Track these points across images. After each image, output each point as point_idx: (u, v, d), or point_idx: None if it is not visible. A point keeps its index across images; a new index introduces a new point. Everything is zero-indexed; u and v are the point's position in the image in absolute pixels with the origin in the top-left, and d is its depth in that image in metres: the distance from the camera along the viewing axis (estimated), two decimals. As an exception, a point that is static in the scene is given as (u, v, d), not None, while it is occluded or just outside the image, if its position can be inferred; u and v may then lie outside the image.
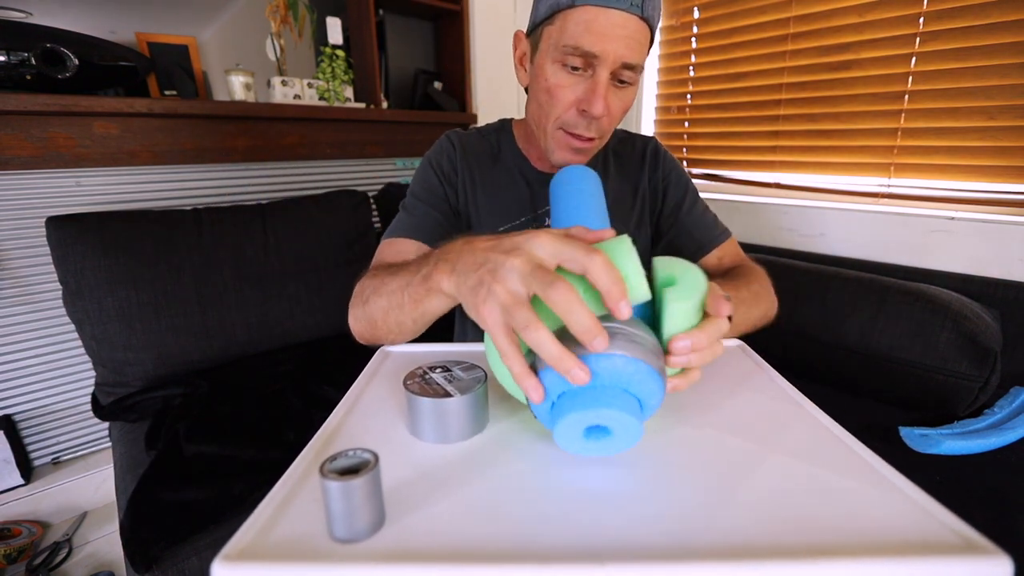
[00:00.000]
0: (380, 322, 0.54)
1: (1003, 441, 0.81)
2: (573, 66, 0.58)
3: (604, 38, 0.55)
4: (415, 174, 0.76)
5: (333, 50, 1.48)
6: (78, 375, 1.27)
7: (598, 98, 0.57)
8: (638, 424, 0.31)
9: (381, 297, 0.53)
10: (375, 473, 0.27)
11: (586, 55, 0.57)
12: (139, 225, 1.04)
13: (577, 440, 0.33)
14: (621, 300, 0.31)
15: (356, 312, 0.59)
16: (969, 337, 0.89)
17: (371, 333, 0.57)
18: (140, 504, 0.72)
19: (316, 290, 1.21)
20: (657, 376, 0.32)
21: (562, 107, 0.61)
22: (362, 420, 0.41)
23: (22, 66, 1.04)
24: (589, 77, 0.59)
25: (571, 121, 0.62)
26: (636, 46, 0.57)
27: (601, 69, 0.57)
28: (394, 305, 0.51)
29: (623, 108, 0.63)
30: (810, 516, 0.29)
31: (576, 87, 0.60)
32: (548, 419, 0.34)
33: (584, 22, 0.55)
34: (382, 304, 0.53)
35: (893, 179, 1.25)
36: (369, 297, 0.56)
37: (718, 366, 0.53)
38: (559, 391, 0.32)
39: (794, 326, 1.08)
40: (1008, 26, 1.03)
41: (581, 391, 0.31)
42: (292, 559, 0.25)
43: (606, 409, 0.30)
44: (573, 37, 0.56)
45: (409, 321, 0.51)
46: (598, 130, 0.62)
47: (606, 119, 0.61)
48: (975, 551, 0.26)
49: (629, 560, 0.25)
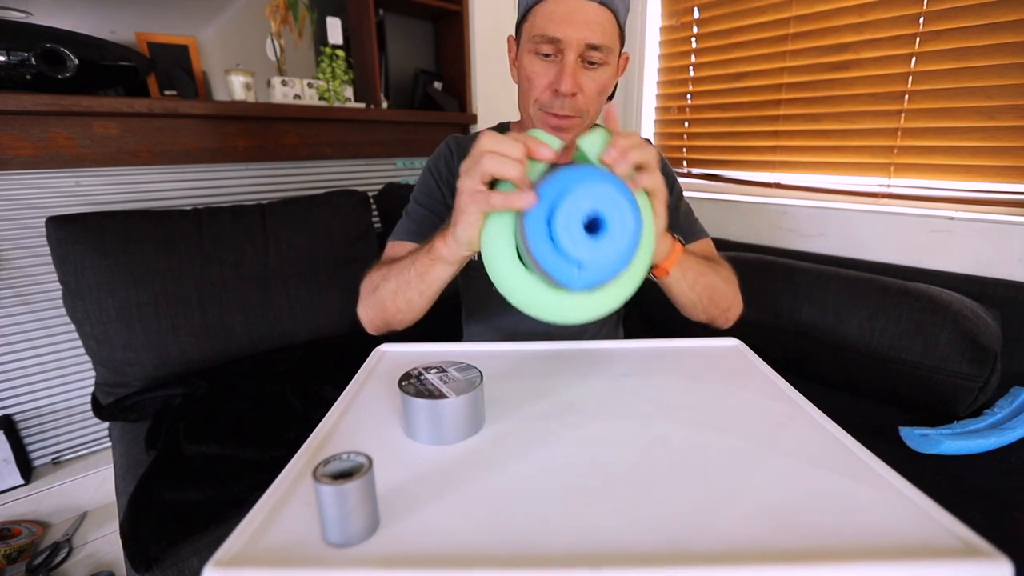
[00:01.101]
0: (390, 303, 0.63)
1: (1003, 441, 0.81)
2: (544, 53, 0.65)
3: (566, 23, 0.62)
4: (417, 181, 0.82)
5: (333, 50, 1.48)
6: (78, 375, 1.27)
7: (566, 76, 0.64)
8: (631, 206, 0.37)
9: (389, 281, 0.62)
10: (369, 477, 0.27)
11: (552, 40, 0.63)
12: (139, 225, 1.04)
13: (578, 235, 0.37)
14: (534, 143, 0.43)
15: (366, 301, 0.67)
16: (969, 337, 0.89)
17: (381, 318, 0.66)
18: (140, 504, 0.72)
19: (316, 290, 1.21)
20: (609, 175, 0.39)
21: (539, 90, 0.68)
22: (356, 422, 0.41)
23: (22, 66, 1.04)
24: (559, 61, 0.65)
25: (547, 102, 0.68)
26: (597, 28, 0.63)
27: (568, 52, 0.63)
28: (402, 284, 0.60)
29: (597, 88, 0.68)
30: (808, 519, 0.29)
31: (549, 71, 0.66)
32: (546, 251, 0.38)
33: (548, 12, 0.63)
34: (390, 287, 0.61)
35: (893, 179, 1.25)
36: (378, 284, 0.64)
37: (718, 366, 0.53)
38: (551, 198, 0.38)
39: (794, 326, 1.08)
40: (1008, 26, 1.03)
41: (569, 186, 0.38)
42: (285, 564, 0.25)
43: (603, 183, 0.37)
44: (540, 27, 0.64)
45: (416, 295, 0.59)
46: (573, 108, 0.68)
47: (581, 98, 0.67)
48: (975, 554, 0.26)
49: (625, 564, 0.25)
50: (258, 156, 1.43)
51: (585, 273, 0.38)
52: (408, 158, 1.76)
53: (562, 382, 0.50)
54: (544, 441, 0.38)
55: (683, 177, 1.73)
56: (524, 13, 0.68)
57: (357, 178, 1.66)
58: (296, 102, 1.43)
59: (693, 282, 0.65)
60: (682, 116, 1.71)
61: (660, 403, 0.45)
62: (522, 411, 0.43)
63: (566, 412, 0.43)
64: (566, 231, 0.37)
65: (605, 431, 0.40)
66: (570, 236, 0.37)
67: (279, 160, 1.47)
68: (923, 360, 0.92)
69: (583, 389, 0.48)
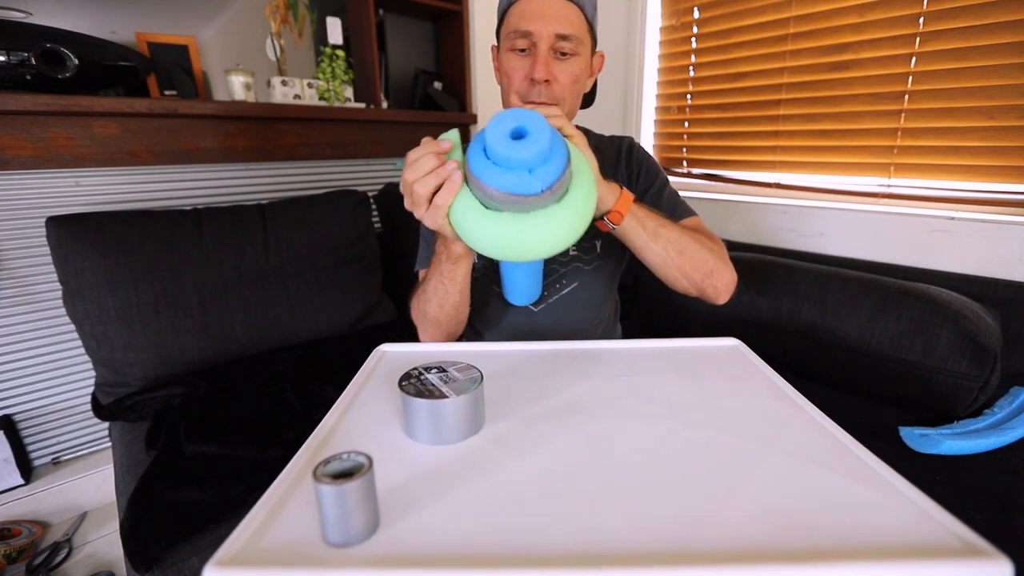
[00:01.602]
0: (442, 317, 0.70)
1: (1003, 441, 0.81)
2: (520, 48, 0.71)
3: (536, 18, 0.68)
4: None
5: (333, 50, 1.48)
6: (78, 375, 1.27)
7: (539, 65, 0.69)
8: (535, 114, 0.46)
9: (431, 300, 0.69)
10: (369, 476, 0.27)
11: (525, 34, 0.69)
12: (139, 225, 1.04)
13: (509, 141, 0.45)
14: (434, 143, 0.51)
15: (424, 325, 0.75)
16: (969, 337, 0.89)
17: (442, 331, 0.73)
18: (140, 504, 0.72)
19: (316, 290, 1.21)
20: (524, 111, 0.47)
21: (517, 82, 0.73)
22: (357, 422, 0.41)
23: (22, 66, 1.04)
24: (533, 54, 0.70)
25: (525, 92, 0.72)
26: (565, 20, 0.69)
27: (540, 43, 0.69)
28: (441, 295, 0.68)
29: (570, 77, 0.72)
30: (808, 519, 0.29)
31: (524, 64, 0.71)
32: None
33: (520, 11, 0.70)
34: (434, 303, 0.69)
35: (893, 179, 1.25)
36: (424, 308, 0.71)
37: (718, 366, 0.53)
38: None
39: (794, 326, 1.08)
40: (1008, 26, 1.03)
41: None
42: (285, 564, 0.25)
43: (511, 110, 0.47)
44: (514, 24, 0.70)
45: (457, 296, 0.68)
46: (549, 96, 0.72)
47: (556, 86, 0.71)
48: (975, 554, 0.26)
49: (626, 564, 0.25)
50: (258, 156, 1.43)
51: (537, 172, 0.45)
52: (408, 158, 1.75)
53: (562, 382, 0.50)
54: (544, 441, 0.38)
55: (683, 177, 1.73)
56: (501, 17, 0.75)
57: (357, 178, 1.66)
58: (296, 102, 1.43)
59: (654, 233, 0.67)
60: (682, 116, 1.71)
61: (660, 403, 0.45)
62: (522, 411, 0.43)
63: (566, 412, 0.43)
64: (499, 143, 0.45)
65: (605, 431, 0.40)
66: (504, 145, 0.45)
67: (279, 160, 1.47)
68: (923, 360, 0.92)
69: (583, 389, 0.48)
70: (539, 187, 0.45)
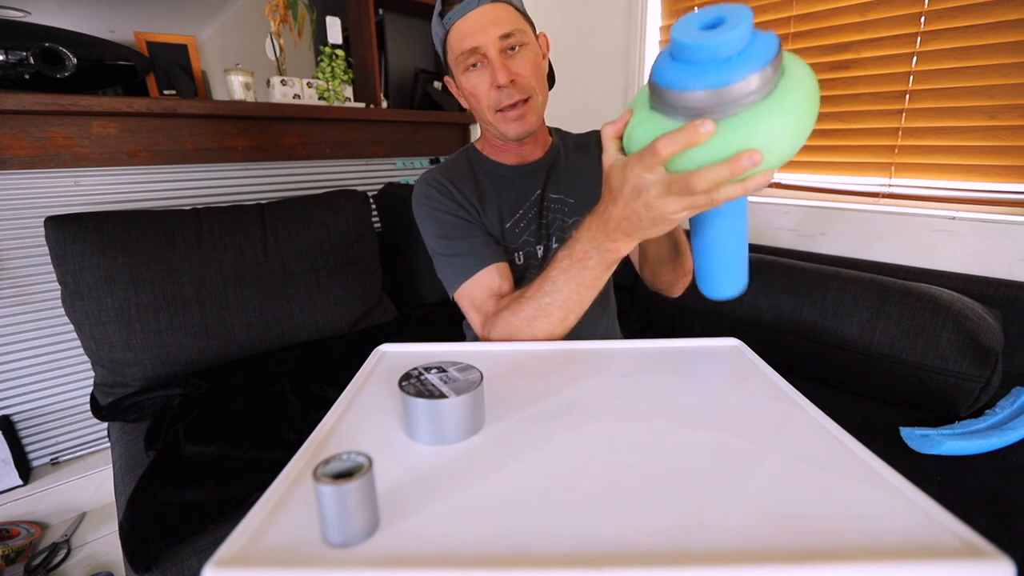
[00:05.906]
0: (560, 330, 0.63)
1: (1004, 442, 0.81)
2: (472, 64, 0.73)
3: (474, 33, 0.70)
4: (424, 227, 0.82)
5: (333, 50, 1.48)
6: (77, 375, 1.26)
7: (498, 70, 0.71)
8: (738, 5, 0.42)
9: (551, 312, 0.61)
10: (369, 477, 0.26)
11: (472, 51, 0.71)
12: (138, 225, 1.04)
13: (700, 31, 0.41)
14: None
15: (520, 338, 0.65)
16: (970, 337, 0.89)
17: (554, 336, 0.64)
18: (139, 504, 0.72)
19: (316, 290, 1.21)
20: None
21: (484, 95, 0.74)
22: (357, 422, 0.41)
23: (21, 65, 1.04)
24: (488, 63, 0.72)
25: (495, 100, 0.74)
26: (501, 21, 0.70)
27: (489, 51, 0.71)
28: (571, 305, 0.60)
29: (530, 66, 0.74)
30: (809, 519, 0.29)
31: (484, 76, 0.73)
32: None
33: (457, 35, 0.72)
34: (555, 317, 0.62)
35: (894, 179, 1.24)
36: (532, 326, 0.63)
37: (718, 366, 0.53)
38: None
39: (795, 326, 1.08)
40: (1009, 25, 1.02)
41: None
42: (285, 564, 0.25)
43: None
44: (457, 48, 0.72)
45: (589, 298, 0.61)
46: (519, 91, 0.73)
47: (521, 80, 0.73)
48: (976, 555, 0.26)
49: (626, 564, 0.25)
50: (257, 156, 1.43)
51: (737, 60, 0.40)
52: (408, 158, 1.75)
53: (562, 382, 0.49)
54: (544, 441, 0.38)
55: (683, 177, 1.73)
56: (443, 50, 0.77)
57: (357, 178, 1.66)
58: (296, 102, 1.43)
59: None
60: (682, 116, 1.71)
61: (660, 403, 0.45)
62: (522, 411, 0.43)
63: (566, 412, 0.43)
64: (691, 36, 0.40)
65: (605, 431, 0.40)
66: (697, 35, 0.40)
67: (278, 160, 1.47)
68: (924, 360, 0.92)
69: (583, 389, 0.48)
70: (748, 69, 0.39)
